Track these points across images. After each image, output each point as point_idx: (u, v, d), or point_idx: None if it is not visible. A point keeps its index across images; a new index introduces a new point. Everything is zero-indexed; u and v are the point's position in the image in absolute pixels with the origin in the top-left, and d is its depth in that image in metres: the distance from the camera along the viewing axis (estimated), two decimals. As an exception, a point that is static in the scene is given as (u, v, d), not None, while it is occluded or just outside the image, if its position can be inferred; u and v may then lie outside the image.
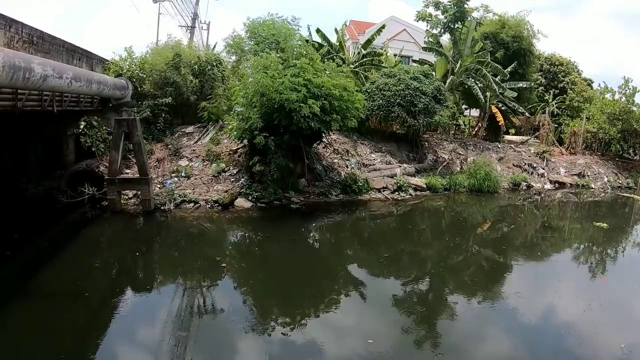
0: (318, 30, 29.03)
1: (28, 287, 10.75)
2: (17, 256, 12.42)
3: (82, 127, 19.51)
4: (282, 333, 9.32)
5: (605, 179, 32.43)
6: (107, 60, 21.84)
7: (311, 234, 17.02)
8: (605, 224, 20.10)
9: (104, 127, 19.73)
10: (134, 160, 18.52)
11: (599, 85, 41.36)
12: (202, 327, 9.46)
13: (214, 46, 31.33)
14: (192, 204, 18.04)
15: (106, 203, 17.47)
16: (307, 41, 26.28)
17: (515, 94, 34.12)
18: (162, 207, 17.64)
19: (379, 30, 30.94)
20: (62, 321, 9.48)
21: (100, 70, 20.03)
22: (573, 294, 12.59)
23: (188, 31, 35.41)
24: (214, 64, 23.93)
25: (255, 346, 8.97)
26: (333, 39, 29.80)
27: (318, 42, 28.58)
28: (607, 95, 38.31)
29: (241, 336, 9.25)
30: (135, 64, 22.54)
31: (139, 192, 17.69)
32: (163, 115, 22.17)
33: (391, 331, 9.80)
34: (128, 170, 19.42)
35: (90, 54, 19.14)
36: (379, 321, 10.43)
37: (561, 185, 30.11)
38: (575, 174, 31.76)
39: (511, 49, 34.43)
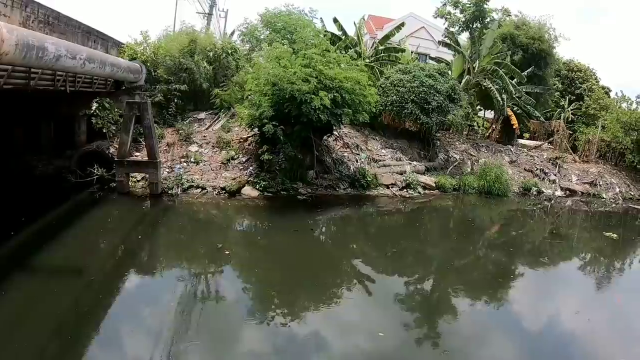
0: (335, 20, 28.86)
1: (32, 263, 10.84)
2: (23, 233, 12.48)
3: (94, 108, 19.51)
4: (280, 323, 9.32)
5: (617, 190, 32.00)
6: (123, 44, 21.87)
7: (317, 226, 16.97)
8: (615, 235, 19.84)
9: (116, 110, 19.79)
10: (144, 143, 18.57)
11: (617, 94, 40.94)
12: (203, 313, 9.47)
13: (231, 33, 31.29)
14: (199, 190, 18.05)
15: (114, 184, 17.58)
16: (323, 34, 26.15)
17: (532, 99, 33.75)
18: (169, 192, 17.69)
19: (398, 27, 30.70)
20: (63, 298, 9.52)
21: (115, 53, 20.07)
22: (577, 304, 12.42)
23: (205, 18, 35.36)
24: (229, 52, 23.90)
25: (253, 334, 8.97)
26: (351, 32, 29.65)
27: (334, 34, 28.43)
28: (624, 105, 37.91)
29: (240, 324, 9.27)
30: (149, 49, 22.53)
31: (147, 175, 17.76)
32: (175, 100, 22.23)
33: (393, 328, 9.75)
34: (137, 153, 19.49)
35: (105, 37, 19.18)
36: (383, 317, 10.36)
37: (572, 193, 29.76)
38: (587, 183, 31.36)
39: (530, 50, 34.00)
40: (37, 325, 8.24)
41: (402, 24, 31.92)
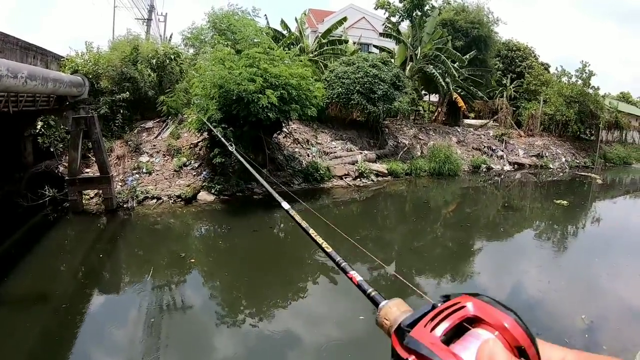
0: (282, 22, 29.11)
1: (-8, 295, 10.68)
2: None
3: (39, 127, 19.13)
4: (250, 324, 9.49)
5: (563, 159, 33.57)
6: (62, 57, 21.38)
7: (276, 224, 17.17)
8: (565, 202, 20.85)
9: (62, 126, 19.43)
10: (94, 158, 18.31)
11: (556, 69, 42.65)
12: (172, 324, 9.56)
13: (170, 37, 31.02)
14: (154, 200, 17.98)
15: (67, 204, 17.21)
16: (266, 32, 26.25)
17: (475, 80, 34.78)
18: (124, 205, 17.50)
19: (340, 22, 31.07)
20: (30, 327, 9.42)
21: (56, 68, 19.67)
22: (534, 270, 13.10)
23: (145, 24, 34.86)
24: (172, 57, 23.69)
25: (226, 339, 9.13)
26: (293, 28, 29.85)
27: (276, 31, 28.59)
28: (564, 79, 39.57)
29: (212, 330, 9.41)
30: (91, 60, 22.13)
31: (101, 191, 17.46)
32: (121, 111, 21.84)
33: (363, 314, 10.09)
34: (88, 170, 19.17)
35: (45, 51, 18.77)
36: (352, 304, 10.63)
37: (520, 166, 31.04)
38: (533, 155, 32.76)
39: (470, 35, 35.00)
40: (6, 357, 8.21)
41: (344, 19, 32.29)
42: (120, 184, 18.59)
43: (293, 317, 10.04)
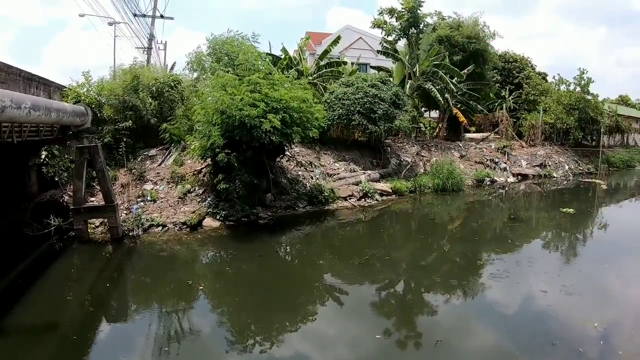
0: (283, 48, 29.42)
1: (1, 325, 10.64)
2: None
3: (43, 156, 19.23)
4: (261, 350, 9.43)
5: (566, 167, 33.57)
6: (65, 87, 21.52)
7: (282, 248, 17.14)
8: (571, 210, 20.82)
9: (66, 156, 19.51)
10: (99, 187, 18.33)
11: (554, 77, 42.83)
12: (182, 351, 9.50)
13: (172, 66, 31.26)
14: (160, 228, 17.95)
15: (73, 233, 17.19)
16: (264, 57, 26.46)
17: (475, 94, 34.97)
18: (130, 233, 17.48)
19: (335, 41, 31.40)
20: (39, 356, 9.42)
21: (59, 98, 19.81)
22: (544, 279, 13.00)
23: (145, 52, 35.20)
24: (172, 84, 23.86)
25: None
26: (291, 51, 30.16)
27: (276, 56, 28.84)
28: (562, 87, 39.73)
29: (222, 356, 9.38)
30: (93, 90, 22.31)
31: (106, 219, 17.48)
32: (124, 139, 21.96)
33: (372, 333, 10.02)
34: (93, 199, 19.21)
35: (47, 82, 18.90)
36: (360, 325, 10.63)
37: (524, 177, 31.06)
38: (536, 165, 32.79)
39: (467, 49, 35.24)
40: None
41: (339, 38, 32.62)
42: (125, 212, 18.58)
43: (304, 340, 9.98)
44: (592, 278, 13.25)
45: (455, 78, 31.94)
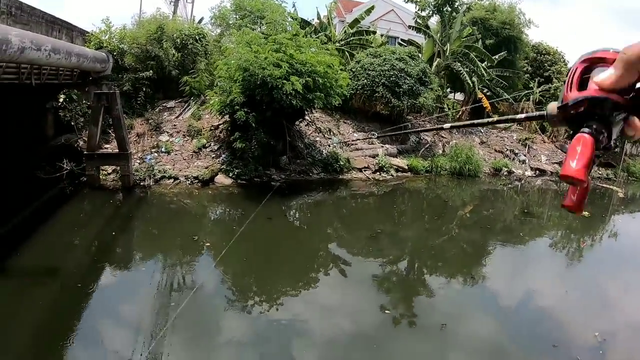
0: (317, 14, 28.84)
1: (5, 265, 10.60)
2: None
3: (61, 100, 19.13)
4: (260, 312, 9.34)
5: (585, 169, 32.67)
6: (88, 33, 21.25)
7: (292, 212, 16.95)
8: (585, 212, 20.27)
9: (84, 101, 19.41)
10: (114, 135, 18.26)
11: (584, 76, 41.57)
12: (182, 305, 9.43)
13: (200, 20, 30.81)
14: (172, 180, 17.86)
15: (85, 178, 17.22)
16: (294, 17, 25.95)
17: (502, 81, 34.15)
18: (141, 183, 17.44)
19: (368, 11, 30.64)
20: (41, 299, 9.39)
21: (81, 43, 19.56)
22: (550, 279, 12.78)
23: (172, 4, 34.70)
24: (197, 37, 23.49)
25: (233, 323, 9.01)
26: (321, 15, 29.54)
27: (304, 19, 28.24)
28: (591, 87, 38.68)
29: (221, 313, 9.31)
30: (115, 37, 22.03)
31: (118, 167, 17.45)
32: (144, 89, 21.71)
33: (378, 309, 9.91)
34: (107, 145, 19.15)
35: (70, 26, 18.65)
36: (362, 301, 10.48)
37: (542, 172, 30.35)
38: (556, 162, 32.00)
39: (501, 35, 34.28)
40: (15, 329, 8.19)
41: (372, 7, 31.83)
42: (138, 161, 18.48)
43: (304, 306, 9.86)
44: (596, 285, 12.87)
45: (486, 62, 31.11)
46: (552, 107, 1.11)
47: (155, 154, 19.29)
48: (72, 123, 19.22)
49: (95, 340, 8.20)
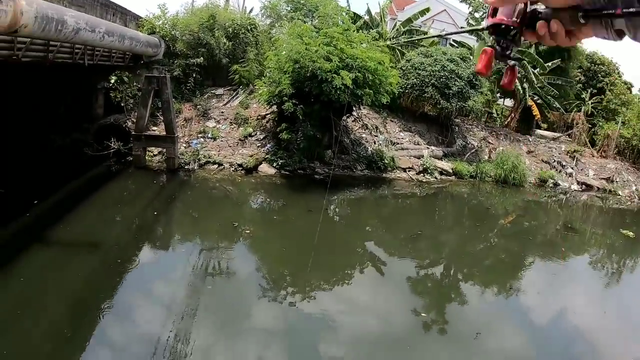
0: (367, 9, 28.56)
1: (49, 236, 10.87)
2: (40, 205, 12.55)
3: (112, 81, 19.53)
4: (290, 303, 9.27)
5: (634, 188, 31.41)
6: (141, 18, 21.70)
7: (332, 207, 16.80)
8: (631, 233, 19.42)
9: (134, 83, 19.80)
10: (162, 118, 18.57)
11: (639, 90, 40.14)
12: (215, 288, 9.54)
13: (251, 10, 30.99)
14: (216, 166, 18.01)
15: (131, 158, 17.62)
16: (345, 12, 25.76)
17: (554, 89, 33.18)
18: (185, 167, 17.66)
19: (423, 11, 30.15)
20: (80, 270, 9.60)
21: (134, 27, 19.92)
22: (588, 297, 12.34)
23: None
24: (249, 27, 23.62)
25: (263, 311, 8.96)
26: (373, 12, 29.23)
27: (356, 13, 28.01)
28: (647, 102, 37.17)
29: (252, 300, 9.28)
30: (168, 23, 22.34)
31: (164, 149, 17.75)
32: (194, 75, 22.03)
33: (411, 311, 9.72)
34: (155, 128, 19.44)
35: (124, 10, 19.02)
36: (394, 302, 10.32)
37: (588, 187, 29.23)
38: (603, 178, 30.78)
39: (555, 42, 33.32)
40: (52, 298, 8.37)
41: (427, 9, 31.30)
42: (184, 145, 18.71)
43: (335, 302, 9.76)
44: (637, 307, 12.24)
45: (538, 69, 30.27)
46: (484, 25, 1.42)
47: (202, 139, 19.48)
48: (122, 104, 19.64)
49: (126, 315, 8.37)
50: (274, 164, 18.44)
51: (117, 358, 7.33)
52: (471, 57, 28.15)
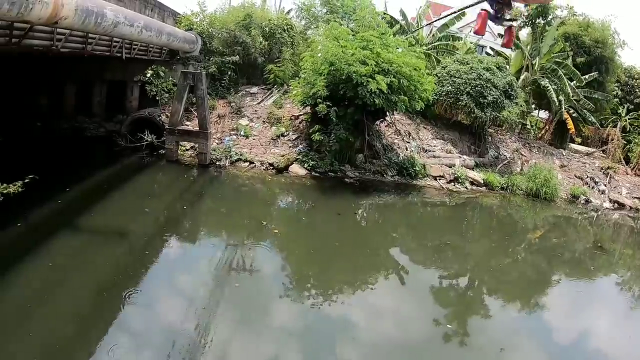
0: (401, 11, 28.33)
1: (79, 222, 11.01)
2: (72, 192, 12.77)
3: (148, 75, 19.82)
4: (312, 304, 9.29)
5: (668, 208, 30.58)
6: (179, 14, 22.01)
7: (361, 211, 16.68)
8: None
9: (170, 78, 20.08)
10: (196, 113, 18.77)
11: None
12: (238, 284, 9.54)
13: (288, 11, 31.11)
14: (247, 164, 18.10)
15: (163, 151, 17.89)
16: (382, 16, 25.64)
17: (590, 103, 32.47)
18: (217, 163, 17.80)
19: (459, 16, 29.81)
20: (107, 258, 9.74)
21: (172, 23, 20.18)
22: (614, 320, 11.97)
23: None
24: (285, 28, 23.73)
25: (284, 311, 9.00)
26: (410, 17, 29.02)
27: (393, 17, 27.85)
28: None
29: (274, 299, 9.32)
30: (205, 20, 22.55)
31: (197, 145, 17.92)
32: (229, 72, 22.25)
33: (421, 320, 9.70)
34: (188, 123, 19.65)
35: (162, 6, 19.32)
36: (416, 311, 10.21)
37: (620, 206, 28.42)
38: (637, 197, 30.01)
39: (592, 54, 32.56)
40: (78, 283, 8.57)
41: (463, 13, 30.96)
42: (216, 141, 18.87)
43: (357, 306, 9.70)
44: None
45: (575, 82, 29.66)
46: None
47: (234, 137, 19.63)
48: (157, 98, 19.92)
49: (150, 304, 8.49)
50: (305, 165, 18.43)
51: (139, 344, 7.40)
52: (507, 67, 27.79)
